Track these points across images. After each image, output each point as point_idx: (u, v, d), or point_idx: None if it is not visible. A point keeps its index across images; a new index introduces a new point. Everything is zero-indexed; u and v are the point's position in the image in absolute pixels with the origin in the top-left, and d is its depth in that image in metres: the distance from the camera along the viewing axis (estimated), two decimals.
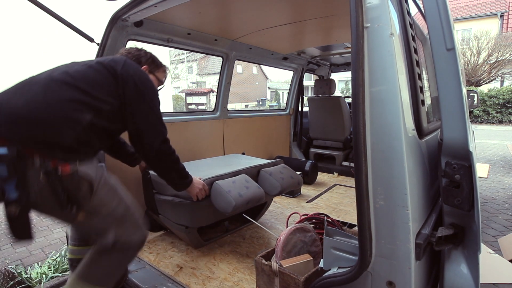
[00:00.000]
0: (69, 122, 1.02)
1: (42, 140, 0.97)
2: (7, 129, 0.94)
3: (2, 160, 0.89)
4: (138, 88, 1.21)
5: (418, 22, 1.50)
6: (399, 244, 0.87)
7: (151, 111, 1.25)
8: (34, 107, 0.99)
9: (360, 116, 0.86)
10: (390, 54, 0.85)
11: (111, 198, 1.16)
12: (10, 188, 0.90)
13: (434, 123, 1.36)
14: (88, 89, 1.09)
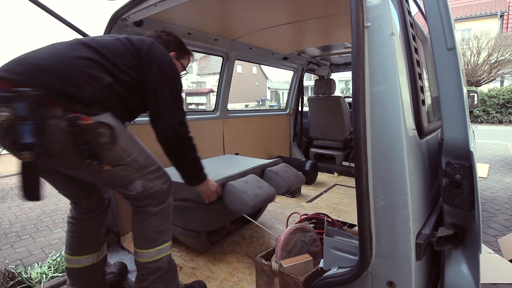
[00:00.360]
0: (88, 79, 1.04)
1: (62, 92, 0.98)
2: (31, 76, 0.96)
3: (23, 97, 0.88)
4: (161, 70, 1.23)
5: (418, 21, 1.49)
6: (399, 244, 0.87)
7: (171, 93, 1.25)
8: (57, 60, 1.03)
9: (361, 116, 0.86)
10: (390, 54, 0.85)
11: (132, 146, 1.17)
12: (27, 130, 0.89)
13: (434, 123, 1.36)
14: (109, 56, 1.13)
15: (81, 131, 0.97)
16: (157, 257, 1.28)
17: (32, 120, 0.90)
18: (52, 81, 0.98)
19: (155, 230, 1.26)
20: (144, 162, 1.21)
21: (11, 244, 3.17)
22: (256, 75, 32.19)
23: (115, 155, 1.10)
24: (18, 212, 4.09)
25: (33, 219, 3.84)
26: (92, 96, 1.04)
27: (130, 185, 1.18)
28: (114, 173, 1.12)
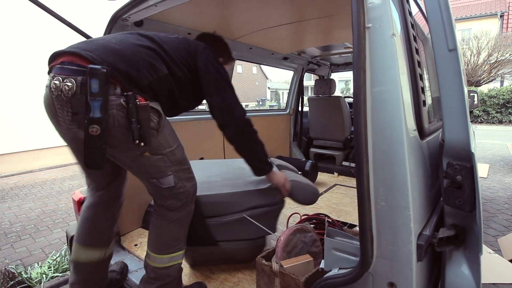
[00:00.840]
0: (148, 67, 1.14)
1: (126, 73, 1.07)
2: (101, 54, 1.05)
3: (96, 75, 0.98)
4: (218, 71, 1.32)
5: (419, 22, 1.49)
6: (400, 245, 0.87)
7: (232, 90, 1.34)
8: (125, 45, 1.14)
9: (362, 117, 0.86)
10: (391, 55, 0.85)
11: (172, 139, 1.23)
12: (97, 106, 0.98)
13: (435, 123, 1.36)
14: (169, 50, 1.22)
15: (136, 109, 1.04)
16: (168, 264, 1.27)
17: (101, 97, 0.98)
18: (119, 62, 1.07)
19: (172, 237, 1.27)
20: (180, 158, 1.25)
21: (11, 244, 3.17)
22: (256, 75, 32.19)
23: (157, 142, 1.15)
24: (18, 212, 4.08)
25: (33, 219, 3.84)
26: (148, 84, 1.13)
27: (163, 178, 1.20)
28: (151, 161, 1.16)
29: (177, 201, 1.26)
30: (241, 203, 1.55)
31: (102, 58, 1.04)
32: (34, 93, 6.62)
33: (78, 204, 1.81)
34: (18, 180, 5.83)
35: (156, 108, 1.14)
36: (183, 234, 1.32)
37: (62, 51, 1.08)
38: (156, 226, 1.28)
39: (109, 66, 1.03)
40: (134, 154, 1.14)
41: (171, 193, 1.24)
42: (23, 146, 6.52)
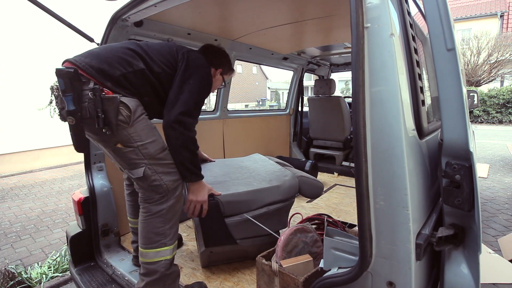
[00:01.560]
0: (123, 62, 1.27)
1: (98, 68, 1.21)
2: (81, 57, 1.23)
3: (61, 75, 1.13)
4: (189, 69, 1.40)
5: (418, 21, 1.49)
6: (399, 244, 0.87)
7: (192, 89, 1.37)
8: (104, 49, 1.32)
9: (361, 116, 0.86)
10: (390, 54, 0.85)
11: (146, 134, 1.29)
12: (69, 100, 1.14)
13: (434, 123, 1.36)
14: (148, 51, 1.36)
15: (101, 100, 1.16)
16: (154, 259, 1.31)
17: (70, 92, 1.14)
18: (94, 61, 1.22)
19: (154, 231, 1.30)
20: (154, 153, 1.30)
21: (11, 244, 3.17)
22: (256, 75, 32.18)
23: (127, 135, 1.24)
24: (18, 212, 4.09)
25: (33, 219, 3.84)
26: (122, 76, 1.24)
27: (134, 169, 1.28)
28: (123, 152, 1.27)
29: (155, 193, 1.30)
30: (257, 201, 1.57)
31: (81, 60, 1.22)
32: (34, 93, 6.62)
33: (78, 204, 1.81)
34: (18, 180, 5.83)
35: (126, 103, 1.23)
36: (168, 229, 1.33)
37: (63, 61, 1.26)
38: (140, 220, 1.34)
39: (86, 64, 1.20)
40: (109, 145, 1.27)
41: (146, 185, 1.30)
42: (23, 146, 6.52)
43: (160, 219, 1.30)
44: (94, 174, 1.92)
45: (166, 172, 1.32)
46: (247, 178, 1.73)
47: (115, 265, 1.77)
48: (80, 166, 6.78)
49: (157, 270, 1.31)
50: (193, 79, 1.38)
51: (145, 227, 1.31)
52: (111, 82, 1.22)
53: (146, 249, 1.31)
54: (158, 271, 1.31)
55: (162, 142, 1.34)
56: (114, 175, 2.01)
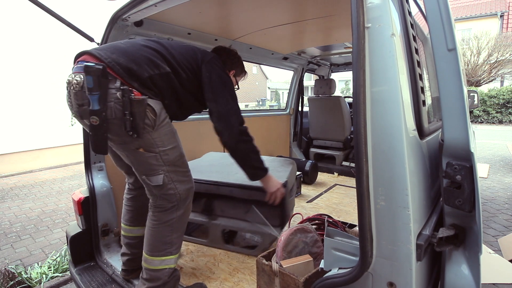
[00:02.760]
0: (150, 63, 1.23)
1: (126, 67, 1.15)
2: (107, 52, 1.17)
3: (90, 72, 1.07)
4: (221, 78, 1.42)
5: (418, 21, 1.49)
6: (400, 245, 0.87)
7: (231, 97, 1.43)
8: (131, 45, 1.26)
9: (361, 117, 0.86)
10: (391, 55, 0.85)
11: (168, 139, 1.27)
12: (95, 99, 1.08)
13: (435, 123, 1.36)
14: (174, 54, 1.33)
15: (130, 102, 1.12)
16: (159, 266, 1.31)
17: (97, 91, 1.08)
18: (121, 58, 1.17)
19: (161, 240, 1.29)
20: (174, 160, 1.28)
21: (11, 244, 3.17)
22: (256, 75, 32.17)
23: (151, 139, 1.21)
24: (18, 212, 4.08)
25: (33, 219, 3.84)
26: (149, 78, 1.20)
27: (153, 175, 1.24)
28: (144, 157, 1.22)
29: (167, 202, 1.28)
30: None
31: (107, 55, 1.15)
32: (34, 93, 6.62)
33: (78, 204, 1.81)
34: (18, 180, 5.83)
35: (152, 107, 1.20)
36: (175, 238, 1.33)
37: (80, 53, 1.20)
38: (148, 227, 1.32)
39: (113, 61, 1.14)
40: (129, 148, 1.21)
41: (161, 193, 1.27)
42: (23, 146, 6.52)
43: (169, 228, 1.29)
44: (94, 174, 1.91)
45: (181, 180, 1.31)
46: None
47: (115, 265, 1.77)
48: (80, 166, 6.77)
49: (160, 277, 1.31)
50: (228, 87, 1.43)
51: (153, 234, 1.30)
52: (138, 83, 1.18)
53: (151, 256, 1.30)
54: (161, 279, 1.31)
55: (180, 149, 1.34)
56: (114, 175, 2.01)
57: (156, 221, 1.29)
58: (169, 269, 1.33)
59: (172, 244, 1.31)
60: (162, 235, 1.29)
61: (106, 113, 1.11)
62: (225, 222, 1.92)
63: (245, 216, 1.85)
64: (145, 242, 1.33)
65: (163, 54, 1.29)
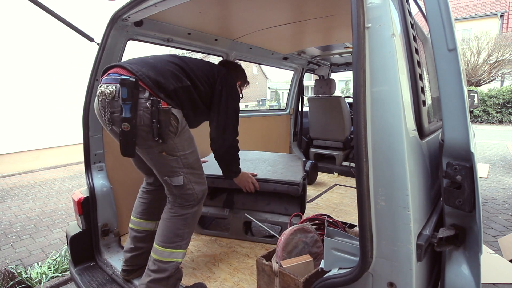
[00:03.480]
0: (175, 77, 1.38)
1: (154, 80, 1.29)
2: (137, 66, 1.31)
3: (126, 84, 1.22)
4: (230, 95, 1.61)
5: (419, 21, 1.49)
6: (400, 245, 0.86)
7: (234, 114, 1.64)
8: (158, 60, 1.41)
9: (361, 117, 0.86)
10: (391, 55, 0.85)
11: (188, 145, 1.41)
12: (127, 108, 1.21)
13: (435, 123, 1.36)
14: (194, 68, 1.50)
15: (158, 111, 1.25)
16: (167, 258, 1.38)
17: (130, 101, 1.22)
18: (150, 72, 1.31)
19: (174, 232, 1.39)
20: (192, 163, 1.42)
21: (11, 244, 3.17)
22: (256, 75, 32.16)
23: (173, 144, 1.34)
24: (18, 212, 4.09)
25: (33, 219, 3.84)
26: (174, 90, 1.34)
27: (175, 176, 1.37)
28: (167, 160, 1.35)
29: (184, 201, 1.41)
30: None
31: (138, 69, 1.29)
32: (34, 93, 6.62)
33: (78, 204, 1.81)
34: (18, 180, 5.83)
35: (175, 115, 1.33)
36: (186, 233, 1.42)
37: (111, 66, 1.37)
38: (164, 219, 1.43)
39: (143, 74, 1.28)
40: (153, 152, 1.33)
41: (180, 193, 1.40)
42: (23, 146, 6.52)
43: (183, 222, 1.40)
44: (94, 174, 1.91)
45: (198, 182, 1.44)
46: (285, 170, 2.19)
47: (115, 265, 1.77)
48: (80, 166, 6.78)
49: (167, 269, 1.37)
50: (234, 104, 1.63)
51: (168, 226, 1.40)
52: (164, 94, 1.31)
53: (162, 247, 1.38)
54: (167, 271, 1.37)
55: (197, 153, 1.48)
56: (114, 175, 2.01)
57: (173, 213, 1.41)
58: (176, 263, 1.39)
59: (183, 238, 1.41)
60: (176, 228, 1.39)
61: (136, 120, 1.24)
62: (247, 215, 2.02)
63: (266, 208, 2.02)
64: (158, 233, 1.41)
65: (185, 69, 1.45)
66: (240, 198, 2.09)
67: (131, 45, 2.04)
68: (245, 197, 2.08)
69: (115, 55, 1.88)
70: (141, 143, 1.29)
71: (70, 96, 7.03)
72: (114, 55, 1.88)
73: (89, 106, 1.85)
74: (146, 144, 1.30)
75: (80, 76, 6.76)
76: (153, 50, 7.67)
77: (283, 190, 1.94)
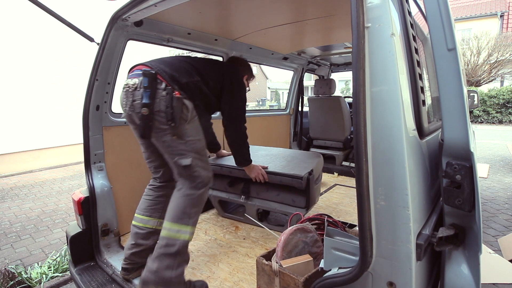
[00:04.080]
0: (187, 73, 1.61)
1: (170, 74, 1.51)
2: (156, 63, 1.55)
3: (147, 75, 1.45)
4: (239, 87, 1.88)
5: (418, 21, 1.49)
6: (400, 244, 0.87)
7: (243, 104, 1.92)
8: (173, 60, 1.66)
9: (361, 116, 0.86)
10: (391, 54, 0.85)
11: (196, 132, 1.59)
12: (147, 95, 1.43)
13: (434, 123, 1.36)
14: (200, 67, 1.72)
15: (171, 98, 1.46)
16: (176, 234, 1.48)
17: (149, 89, 1.44)
18: (167, 68, 1.53)
19: (182, 210, 1.52)
20: (199, 149, 1.60)
21: (11, 244, 3.17)
22: (256, 75, 31.96)
23: (184, 130, 1.52)
24: (18, 212, 4.09)
25: (33, 219, 3.84)
26: (186, 83, 1.56)
27: (184, 157, 1.53)
28: (177, 143, 1.52)
29: (191, 181, 1.56)
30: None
31: (157, 65, 1.52)
32: (34, 93, 6.62)
33: (78, 204, 1.81)
34: (18, 180, 5.83)
35: (187, 105, 1.52)
36: (193, 213, 1.54)
37: (135, 64, 1.59)
38: (172, 199, 1.57)
39: (161, 69, 1.50)
40: (166, 135, 1.50)
41: (188, 174, 1.54)
42: (23, 146, 6.52)
43: (190, 202, 1.53)
44: (94, 174, 1.92)
45: (204, 167, 1.59)
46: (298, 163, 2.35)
47: (115, 265, 1.77)
48: (80, 166, 6.78)
49: (175, 244, 1.46)
50: (242, 95, 1.90)
51: (176, 204, 1.53)
52: (178, 86, 1.51)
53: (171, 222, 1.50)
54: (175, 245, 1.46)
55: (204, 142, 1.66)
56: (114, 175, 2.01)
57: (181, 193, 1.55)
58: (183, 241, 1.48)
59: (190, 217, 1.52)
60: (184, 206, 1.52)
61: (154, 106, 1.44)
62: (259, 203, 2.25)
63: (276, 198, 2.19)
64: (167, 212, 1.54)
65: (196, 67, 1.69)
66: (254, 188, 2.28)
67: (131, 45, 2.04)
68: (259, 187, 2.25)
69: (115, 55, 1.88)
70: (156, 126, 1.48)
71: (70, 96, 7.03)
72: (114, 55, 1.88)
73: (89, 106, 1.86)
74: (160, 128, 1.48)
75: (80, 76, 6.77)
76: (153, 50, 7.67)
77: (288, 183, 2.07)
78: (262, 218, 2.32)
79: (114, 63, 1.91)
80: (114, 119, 2.03)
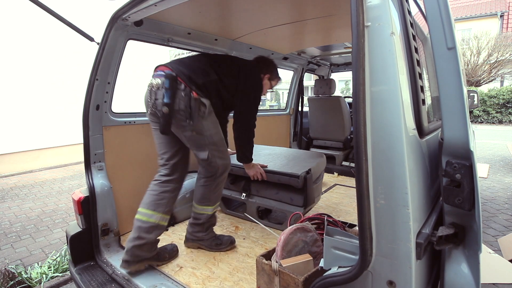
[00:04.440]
0: (204, 72, 1.73)
1: (187, 75, 1.64)
2: (175, 65, 1.69)
3: (168, 77, 1.58)
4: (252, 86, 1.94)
5: (418, 21, 1.49)
6: (399, 243, 0.87)
7: (254, 101, 1.98)
8: (192, 60, 1.80)
9: (361, 116, 0.86)
10: (391, 54, 0.85)
11: (213, 126, 1.76)
12: (167, 94, 1.57)
13: (434, 122, 1.36)
14: (222, 66, 1.85)
15: (189, 99, 1.61)
16: (200, 211, 1.91)
17: (170, 90, 1.57)
18: (185, 69, 1.67)
19: (203, 196, 1.90)
20: (217, 141, 1.78)
21: (11, 244, 3.17)
22: None
23: (202, 125, 1.68)
24: (18, 212, 4.09)
25: (33, 219, 3.84)
26: (203, 83, 1.69)
27: (202, 151, 1.75)
28: (196, 138, 1.71)
29: (208, 172, 1.83)
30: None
31: (176, 67, 1.66)
32: (34, 93, 6.62)
33: (78, 203, 1.81)
34: (18, 180, 5.83)
35: (204, 103, 1.67)
36: (212, 197, 1.90)
37: (158, 65, 1.73)
38: (198, 186, 1.92)
39: (180, 71, 1.64)
40: (186, 131, 1.67)
41: (205, 164, 1.80)
42: (23, 146, 6.52)
43: (208, 189, 1.87)
44: (94, 174, 1.92)
45: (221, 157, 1.81)
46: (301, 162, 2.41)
47: (115, 264, 1.77)
48: (80, 166, 6.78)
49: (200, 218, 1.91)
50: (255, 93, 1.97)
51: (199, 191, 1.89)
52: (195, 86, 1.64)
53: (196, 203, 1.91)
54: (200, 219, 1.91)
55: (221, 134, 1.84)
56: (114, 175, 2.02)
57: (201, 183, 1.88)
58: (206, 215, 1.91)
59: (209, 200, 1.90)
60: (204, 193, 1.88)
61: (174, 105, 1.58)
62: (259, 201, 2.32)
63: (275, 197, 2.25)
64: (194, 194, 1.93)
65: (213, 65, 1.80)
66: (255, 186, 2.36)
67: (132, 45, 2.04)
68: (259, 185, 2.32)
69: (115, 55, 1.89)
70: (177, 123, 1.64)
71: (70, 96, 7.04)
72: (114, 54, 1.88)
73: (89, 105, 1.86)
74: (180, 124, 1.64)
75: (80, 76, 6.77)
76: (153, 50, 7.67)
77: (285, 181, 2.13)
78: (262, 217, 2.36)
79: (114, 63, 1.91)
80: (114, 118, 2.03)
